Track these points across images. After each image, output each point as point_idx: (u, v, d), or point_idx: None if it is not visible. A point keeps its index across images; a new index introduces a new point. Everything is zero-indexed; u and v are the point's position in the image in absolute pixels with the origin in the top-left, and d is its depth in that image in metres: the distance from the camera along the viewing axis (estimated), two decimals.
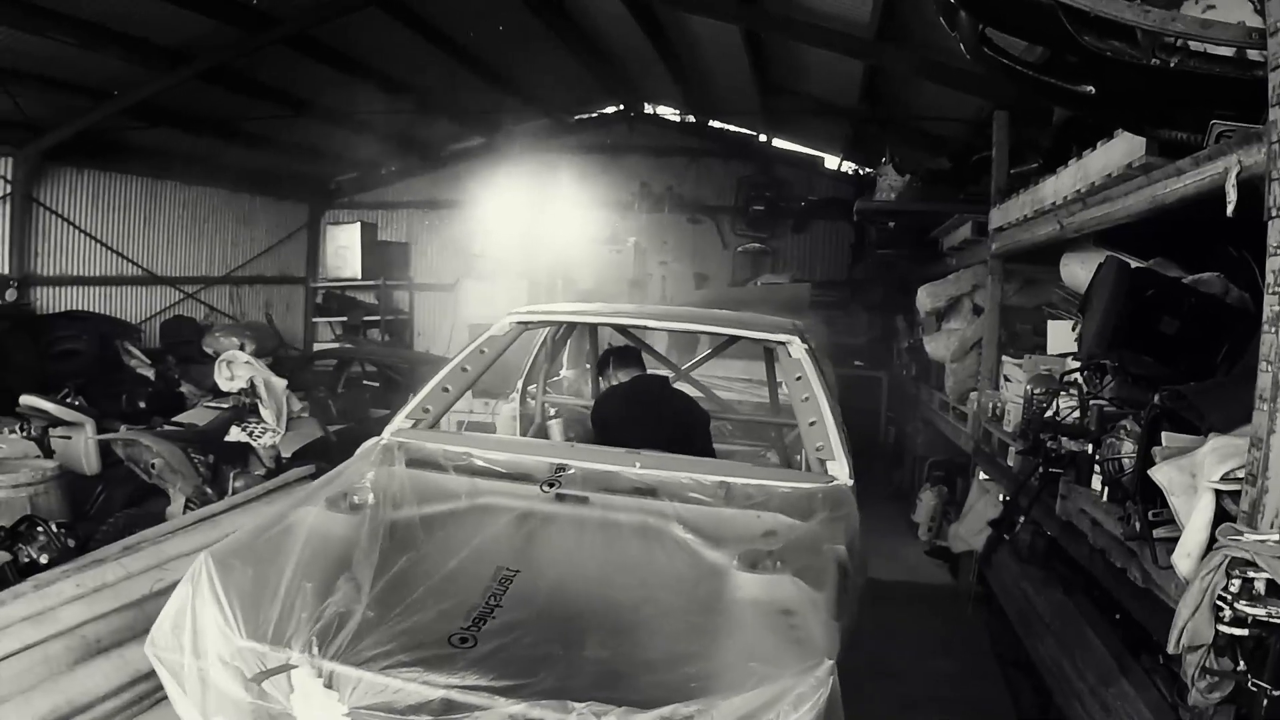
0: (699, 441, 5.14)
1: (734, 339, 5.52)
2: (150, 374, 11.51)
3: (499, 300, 10.24)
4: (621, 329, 5.79)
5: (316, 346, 15.82)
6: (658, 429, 4.91)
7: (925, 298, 8.35)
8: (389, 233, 16.68)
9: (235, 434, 8.16)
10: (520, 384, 6.38)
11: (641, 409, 5.13)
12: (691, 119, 16.02)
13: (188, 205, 14.05)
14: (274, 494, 7.52)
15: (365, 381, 12.64)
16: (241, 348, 12.72)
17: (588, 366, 8.02)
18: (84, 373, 10.41)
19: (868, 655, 6.47)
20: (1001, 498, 6.71)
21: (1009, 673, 6.18)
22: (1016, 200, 6.42)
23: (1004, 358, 7.03)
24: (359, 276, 15.26)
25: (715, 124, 15.96)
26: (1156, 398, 3.73)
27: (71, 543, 6.51)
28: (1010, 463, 6.11)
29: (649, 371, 5.51)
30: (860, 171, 13.76)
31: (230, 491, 7.58)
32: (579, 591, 3.21)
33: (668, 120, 16.36)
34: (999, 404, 6.80)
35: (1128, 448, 3.93)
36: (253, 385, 8.38)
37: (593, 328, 6.31)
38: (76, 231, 11.95)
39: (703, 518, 3.53)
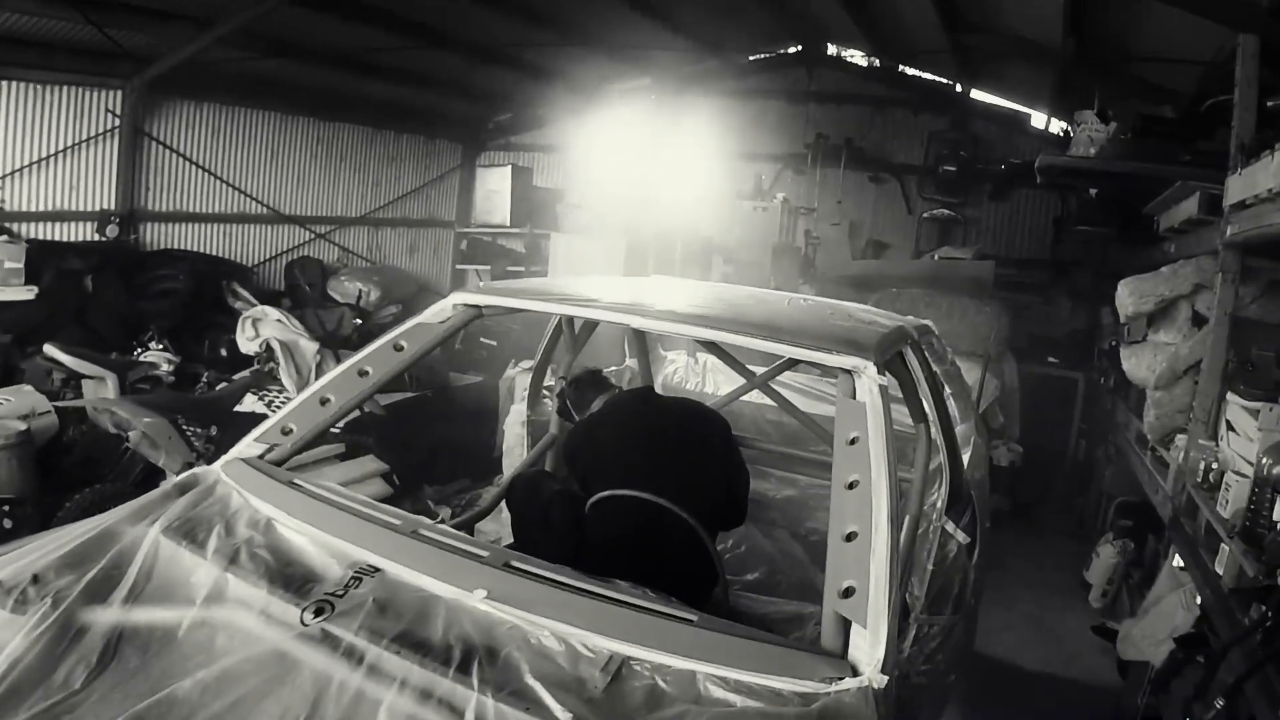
0: (714, 461, 3.63)
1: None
2: None
3: (593, 260, 8.75)
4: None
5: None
6: (650, 458, 3.47)
7: (1127, 296, 6.13)
8: (545, 178, 15.38)
9: (249, 403, 6.98)
10: (527, 382, 4.81)
11: (619, 439, 3.60)
12: (877, 63, 13.85)
13: (322, 141, 13.15)
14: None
15: (483, 339, 11.47)
16: (360, 296, 11.97)
17: (667, 355, 6.39)
18: (174, 315, 9.63)
19: None
20: (1199, 601, 4.66)
21: None
22: (1270, 162, 4.23)
23: (1230, 396, 4.90)
24: (508, 223, 14.13)
25: (906, 71, 13.71)
26: None
27: (8, 524, 5.58)
28: (1220, 568, 4.06)
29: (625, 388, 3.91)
30: (1068, 133, 11.33)
31: None
32: None
33: (851, 64, 14.17)
34: (1214, 465, 4.70)
35: None
36: (269, 348, 7.14)
37: None
38: (194, 167, 11.17)
39: None
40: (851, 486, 2.47)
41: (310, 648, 2.11)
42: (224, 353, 9.49)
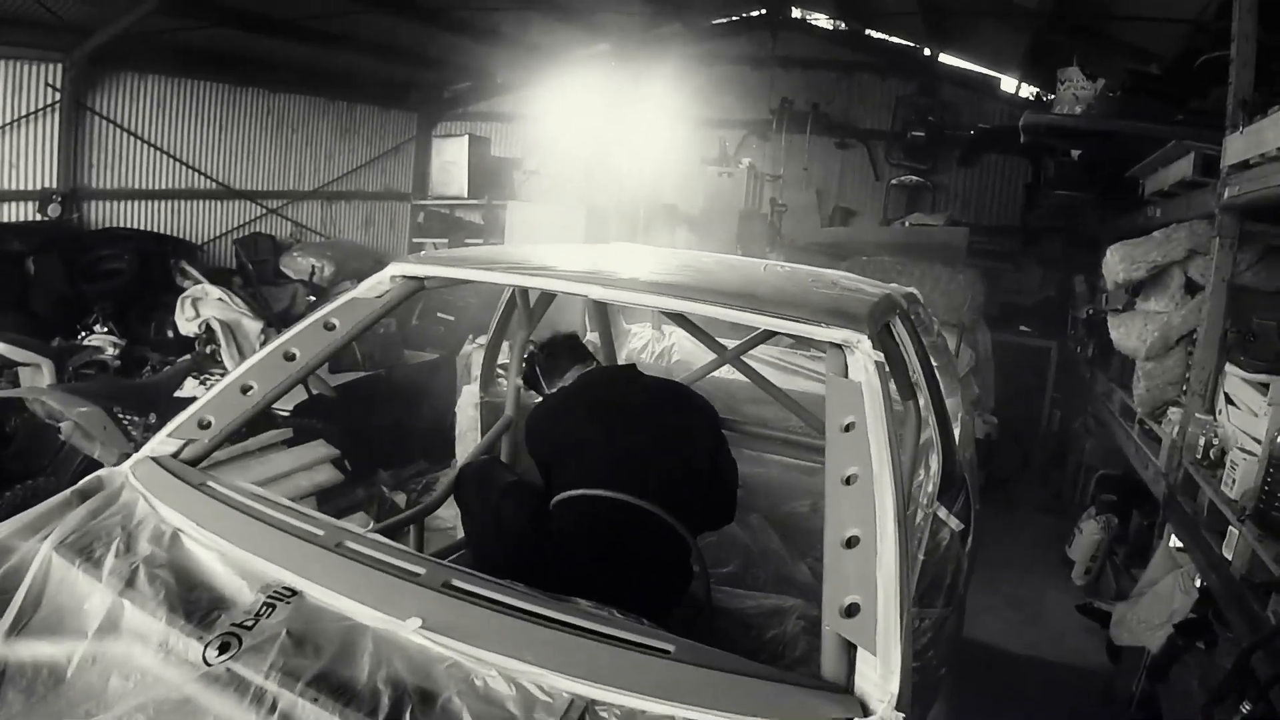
0: (701, 453, 3.18)
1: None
2: None
3: (552, 228, 8.38)
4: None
5: None
6: (627, 448, 3.04)
7: (1117, 262, 5.82)
8: (503, 148, 14.89)
9: (190, 388, 6.58)
10: (479, 361, 4.45)
11: (592, 424, 3.17)
12: (843, 26, 13.57)
13: (273, 113, 12.66)
14: (229, 464, 6.03)
15: (440, 314, 11.11)
16: (313, 272, 11.59)
17: (630, 329, 6.04)
18: (119, 296, 9.19)
19: None
20: (1199, 584, 4.42)
21: None
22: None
23: (1229, 367, 4.66)
24: (465, 194, 13.66)
25: (872, 34, 13.43)
26: None
27: None
28: (1229, 553, 3.80)
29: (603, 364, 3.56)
30: (1042, 96, 11.04)
31: None
32: None
33: (816, 27, 13.87)
34: (1214, 441, 4.46)
35: None
36: (209, 329, 6.72)
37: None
38: (139, 142, 10.68)
39: None
40: (849, 482, 2.12)
41: (214, 693, 1.75)
42: (171, 335, 9.11)
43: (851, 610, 1.90)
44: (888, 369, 2.45)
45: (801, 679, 1.88)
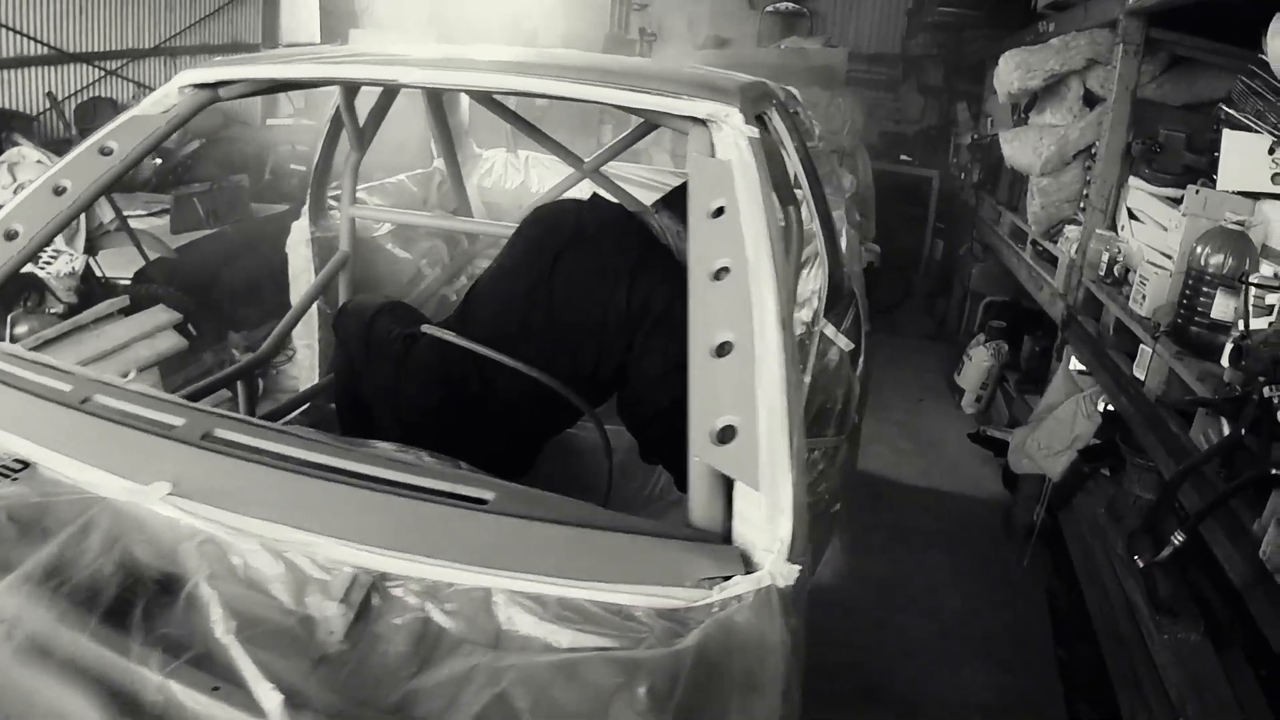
0: (614, 303, 2.54)
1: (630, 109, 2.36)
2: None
3: None
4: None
5: (270, 123, 13.49)
6: (521, 287, 2.65)
7: (1011, 71, 5.42)
8: None
9: None
10: (308, 190, 3.92)
11: (510, 255, 2.79)
12: None
13: None
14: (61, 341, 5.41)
15: (293, 166, 10.36)
16: None
17: (483, 154, 5.49)
18: None
19: None
20: (1102, 408, 4.24)
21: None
22: None
23: (1133, 181, 4.42)
24: (318, 41, 12.61)
25: None
26: None
27: None
28: (1140, 373, 3.59)
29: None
30: None
31: (8, 338, 5.43)
32: None
33: None
34: (1118, 258, 4.24)
35: None
36: None
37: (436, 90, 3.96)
38: None
39: None
40: (719, 276, 1.71)
41: None
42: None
43: (725, 435, 1.51)
44: (764, 153, 2.02)
45: (660, 526, 1.49)
